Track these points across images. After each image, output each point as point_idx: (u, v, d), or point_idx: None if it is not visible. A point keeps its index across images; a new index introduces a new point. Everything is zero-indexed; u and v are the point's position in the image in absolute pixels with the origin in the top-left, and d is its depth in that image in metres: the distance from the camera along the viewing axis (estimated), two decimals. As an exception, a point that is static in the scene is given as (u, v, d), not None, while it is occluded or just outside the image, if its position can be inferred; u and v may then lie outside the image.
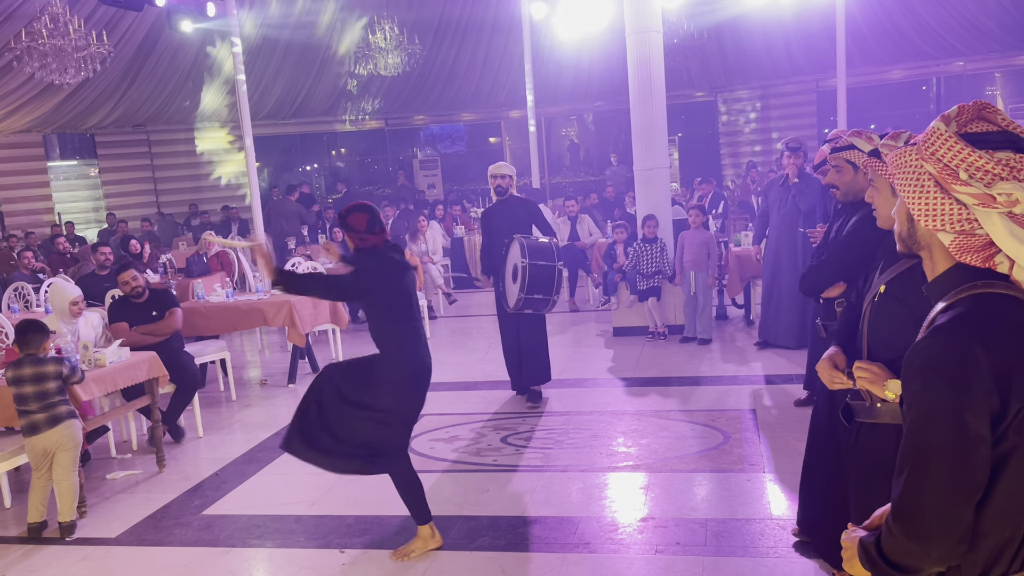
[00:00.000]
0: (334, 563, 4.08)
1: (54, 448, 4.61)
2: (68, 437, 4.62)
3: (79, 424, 4.71)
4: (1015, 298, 1.53)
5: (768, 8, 13.45)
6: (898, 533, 1.51)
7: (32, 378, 4.57)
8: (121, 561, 4.32)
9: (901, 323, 2.24)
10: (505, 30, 16.24)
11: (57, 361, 4.67)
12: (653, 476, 4.83)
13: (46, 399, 4.58)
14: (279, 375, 8.05)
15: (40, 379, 4.58)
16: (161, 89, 15.95)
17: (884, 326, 2.34)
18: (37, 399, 4.57)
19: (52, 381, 4.61)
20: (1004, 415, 1.45)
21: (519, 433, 5.77)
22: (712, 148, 18.38)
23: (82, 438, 4.75)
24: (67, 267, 10.23)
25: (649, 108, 8.40)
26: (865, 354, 2.37)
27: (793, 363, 6.84)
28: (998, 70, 16.34)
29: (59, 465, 4.63)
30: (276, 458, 5.68)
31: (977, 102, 1.61)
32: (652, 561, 3.84)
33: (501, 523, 4.36)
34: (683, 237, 8.09)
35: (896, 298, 2.31)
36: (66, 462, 4.63)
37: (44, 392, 4.58)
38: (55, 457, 4.62)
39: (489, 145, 20.78)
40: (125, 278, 6.27)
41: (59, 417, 4.60)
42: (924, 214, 1.60)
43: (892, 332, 2.27)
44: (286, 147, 20.15)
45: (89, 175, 17.45)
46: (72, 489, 4.66)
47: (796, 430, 5.28)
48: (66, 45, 10.32)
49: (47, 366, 4.62)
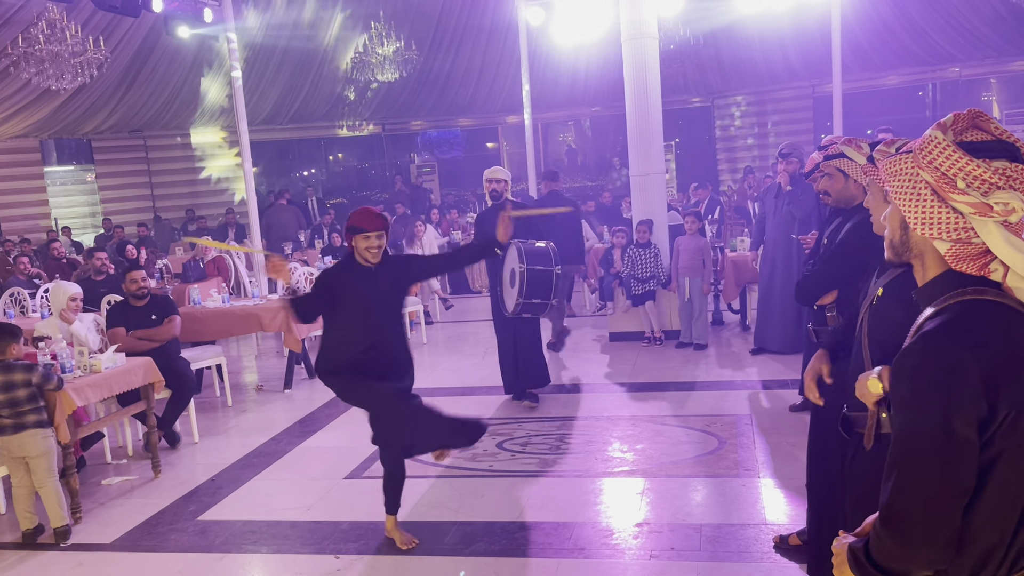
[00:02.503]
0: (329, 568, 4.08)
1: (21, 454, 4.57)
2: (33, 446, 4.56)
3: (47, 433, 4.63)
4: (1005, 305, 1.54)
5: (764, 14, 13.47)
6: (886, 538, 1.51)
7: (1, 386, 4.51)
8: (116, 567, 4.31)
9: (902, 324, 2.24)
10: (502, 36, 16.25)
11: (27, 368, 4.58)
12: (648, 481, 4.83)
13: (16, 407, 4.53)
14: (275, 380, 8.05)
15: (8, 387, 4.51)
16: (158, 95, 15.95)
17: (884, 330, 2.34)
18: (7, 406, 4.52)
19: (21, 389, 4.54)
20: (992, 420, 1.46)
21: (515, 438, 5.77)
22: (709, 154, 18.42)
23: (55, 446, 4.70)
24: (64, 273, 10.21)
25: (645, 114, 8.42)
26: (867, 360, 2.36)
27: (788, 368, 6.85)
28: (994, 76, 16.39)
29: (35, 472, 4.61)
30: (272, 463, 5.68)
31: (971, 110, 1.61)
32: (647, 566, 3.84)
33: (496, 528, 4.36)
34: (679, 243, 8.11)
35: (896, 300, 2.31)
36: (40, 468, 4.60)
37: (14, 400, 4.52)
38: (29, 464, 4.60)
39: (487, 150, 20.78)
40: (135, 276, 6.28)
41: (23, 425, 4.55)
42: (921, 222, 1.60)
43: (893, 335, 2.27)
44: (283, 152, 20.16)
45: (86, 180, 17.43)
46: (55, 493, 4.63)
47: (791, 435, 5.29)
48: (63, 51, 10.32)
49: (15, 373, 4.53)
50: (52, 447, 4.67)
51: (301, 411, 6.92)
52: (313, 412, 6.87)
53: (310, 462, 5.68)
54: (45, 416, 4.66)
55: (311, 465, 5.61)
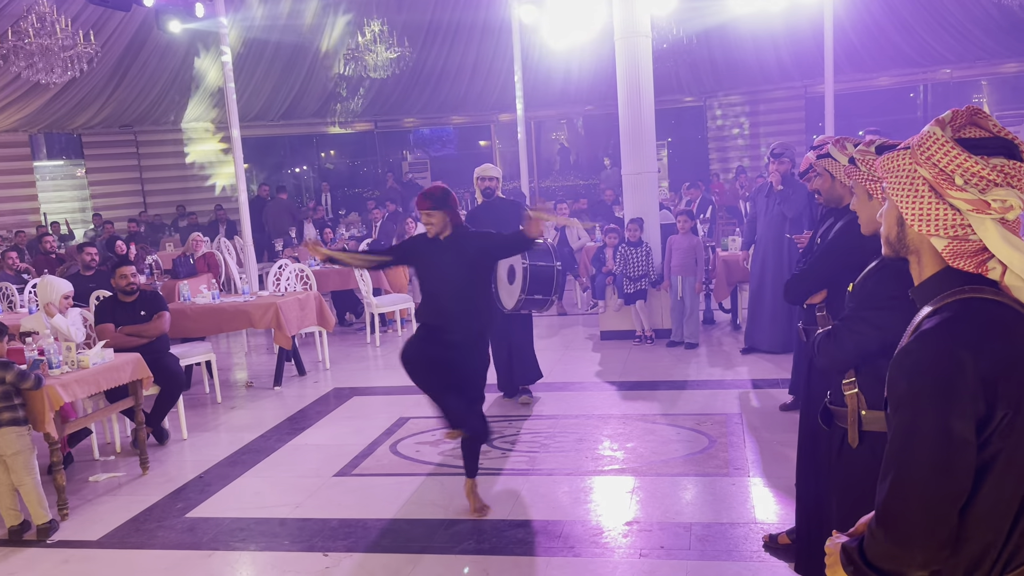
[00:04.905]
0: (318, 566, 4.06)
1: None
2: (7, 444, 4.53)
3: (22, 431, 4.59)
4: (1003, 303, 1.53)
5: (757, 14, 13.49)
6: (882, 537, 1.50)
7: None
8: (103, 564, 4.28)
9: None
10: (495, 33, 16.23)
11: (2, 366, 4.53)
12: (639, 480, 4.83)
13: None
14: (265, 377, 8.01)
15: None
16: (149, 90, 15.87)
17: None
18: None
19: None
20: (990, 420, 1.45)
21: (505, 436, 5.76)
22: (702, 153, 18.45)
23: (32, 444, 4.66)
24: (52, 268, 10.15)
25: (638, 113, 8.42)
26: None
27: (779, 367, 6.86)
28: (984, 78, 16.47)
29: (13, 470, 4.58)
30: (261, 460, 5.65)
31: (969, 107, 1.60)
32: (636, 565, 3.84)
33: (486, 527, 4.35)
34: (671, 242, 8.11)
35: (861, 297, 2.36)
36: (18, 466, 4.56)
37: None
38: (7, 462, 4.56)
39: (479, 148, 20.75)
40: (124, 272, 6.24)
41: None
42: (918, 219, 1.59)
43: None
44: (275, 148, 20.08)
45: (76, 175, 17.34)
46: (34, 490, 4.59)
47: (781, 434, 5.29)
48: (53, 44, 10.25)
49: None
50: (29, 445, 4.63)
51: (291, 408, 6.90)
52: (303, 409, 6.84)
53: (299, 459, 5.65)
54: (21, 414, 4.61)
55: (300, 462, 5.59)
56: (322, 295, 8.61)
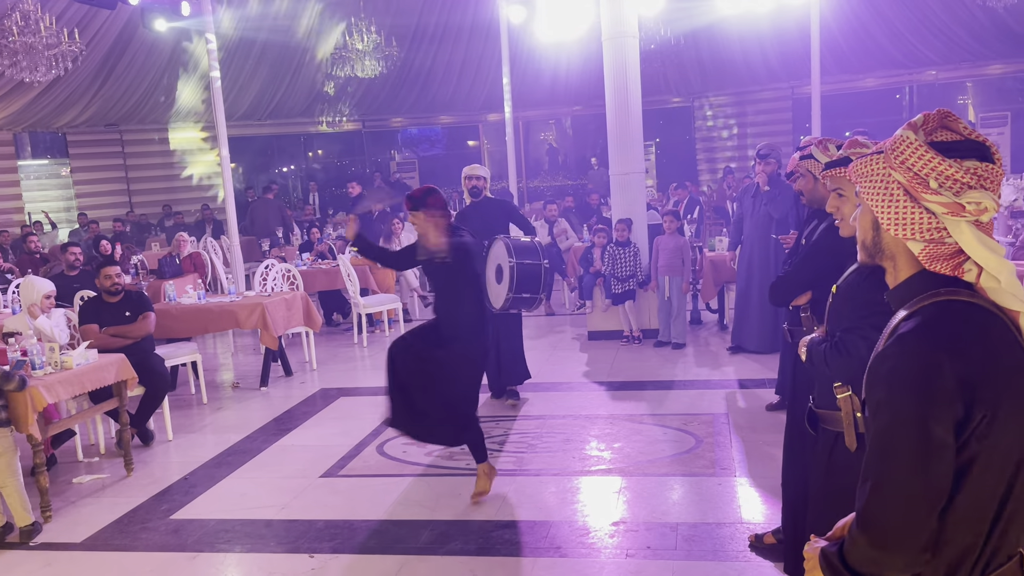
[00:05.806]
0: (304, 567, 4.04)
1: None
2: None
3: (4, 433, 4.55)
4: (979, 306, 1.53)
5: (744, 15, 13.55)
6: (862, 541, 1.50)
7: None
8: (86, 566, 4.25)
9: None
10: (483, 34, 16.22)
11: None
12: (625, 480, 4.83)
13: None
14: (251, 378, 7.98)
15: None
16: (135, 88, 15.76)
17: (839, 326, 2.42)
18: None
19: None
20: (968, 423, 1.45)
21: (492, 437, 5.75)
22: (689, 153, 18.50)
23: (15, 445, 4.62)
24: (36, 268, 10.07)
25: (625, 113, 8.43)
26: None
27: (766, 367, 6.89)
28: (969, 79, 16.59)
29: None
30: (247, 462, 5.62)
31: (939, 111, 1.61)
32: (623, 565, 3.84)
33: (472, 527, 4.34)
34: (658, 242, 8.12)
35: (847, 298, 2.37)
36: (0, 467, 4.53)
37: None
38: None
39: (467, 148, 20.73)
40: (109, 272, 6.20)
41: None
42: (893, 223, 1.59)
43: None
44: (262, 148, 19.99)
45: (60, 174, 17.20)
46: (17, 492, 4.56)
47: (768, 434, 5.31)
48: (37, 43, 10.16)
49: None
50: (12, 446, 4.59)
51: (277, 409, 6.87)
52: (289, 410, 6.82)
53: (286, 460, 5.63)
54: (4, 416, 4.58)
55: (287, 463, 5.57)
56: (309, 295, 8.58)
